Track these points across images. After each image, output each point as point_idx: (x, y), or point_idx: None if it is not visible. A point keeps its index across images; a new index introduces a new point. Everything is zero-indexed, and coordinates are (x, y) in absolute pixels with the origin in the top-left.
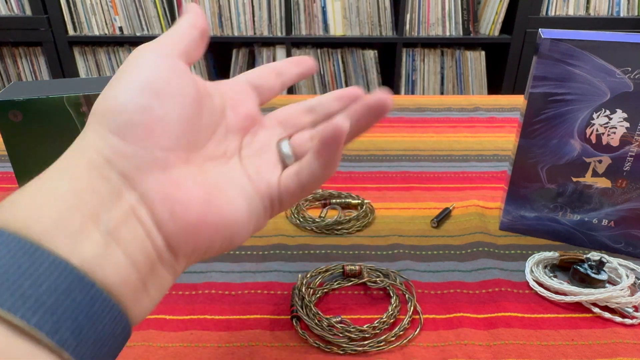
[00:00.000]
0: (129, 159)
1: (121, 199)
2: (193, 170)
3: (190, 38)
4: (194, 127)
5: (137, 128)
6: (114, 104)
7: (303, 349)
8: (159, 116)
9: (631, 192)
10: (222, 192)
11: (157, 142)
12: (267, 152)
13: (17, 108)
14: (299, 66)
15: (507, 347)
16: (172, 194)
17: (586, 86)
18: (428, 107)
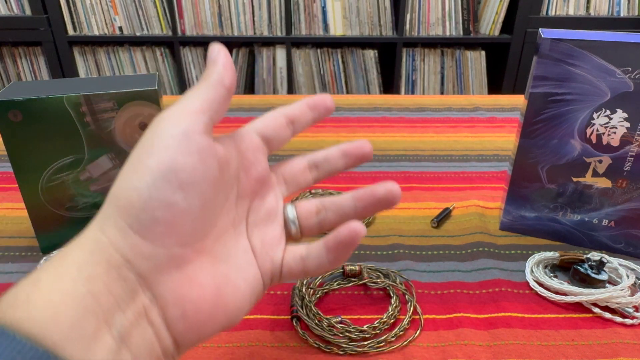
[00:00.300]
0: (148, 260)
1: (135, 300)
2: (206, 261)
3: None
4: (212, 211)
5: (159, 225)
6: (138, 198)
7: (303, 349)
8: (182, 210)
9: (631, 192)
10: (230, 282)
11: (176, 238)
12: (274, 220)
13: (16, 108)
14: (315, 110)
15: (507, 347)
16: (185, 294)
17: (586, 86)
18: (428, 107)
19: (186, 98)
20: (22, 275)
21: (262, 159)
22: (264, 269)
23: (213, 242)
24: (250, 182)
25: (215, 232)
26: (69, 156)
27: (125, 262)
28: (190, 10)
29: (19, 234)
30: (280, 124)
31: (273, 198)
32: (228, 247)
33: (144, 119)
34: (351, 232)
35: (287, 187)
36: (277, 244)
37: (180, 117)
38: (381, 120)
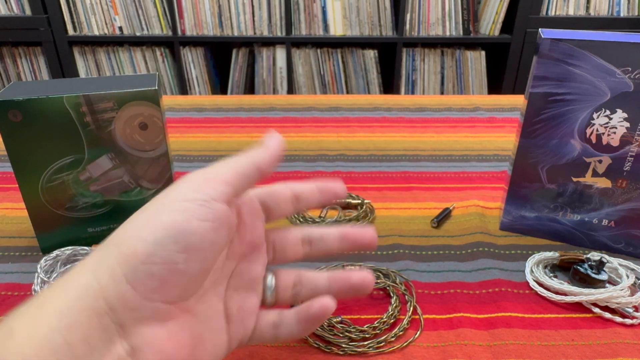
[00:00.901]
0: (133, 311)
1: (111, 350)
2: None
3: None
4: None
5: (153, 280)
6: (142, 250)
7: (303, 349)
8: (180, 272)
9: (631, 192)
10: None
11: (166, 295)
12: (255, 288)
13: (16, 108)
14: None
15: (507, 347)
16: (162, 349)
17: (586, 86)
18: (428, 107)
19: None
20: (22, 275)
21: (259, 225)
22: (235, 335)
23: (196, 301)
24: (242, 246)
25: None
26: (69, 156)
27: (110, 310)
28: (190, 10)
29: (19, 234)
30: (285, 197)
31: (261, 265)
32: (207, 307)
33: (144, 119)
34: (322, 308)
35: (274, 256)
36: (252, 311)
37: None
38: (381, 120)
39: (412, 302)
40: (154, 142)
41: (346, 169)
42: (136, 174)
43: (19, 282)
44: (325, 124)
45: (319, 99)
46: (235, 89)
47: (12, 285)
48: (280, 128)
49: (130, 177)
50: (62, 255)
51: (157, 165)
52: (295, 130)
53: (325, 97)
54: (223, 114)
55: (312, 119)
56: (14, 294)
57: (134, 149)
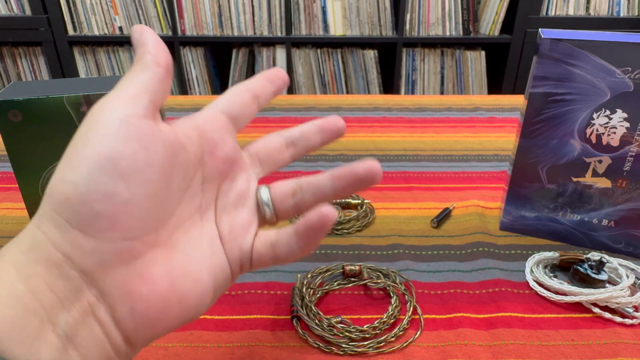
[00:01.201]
0: (91, 255)
1: (80, 298)
2: (160, 254)
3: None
4: (163, 200)
5: (100, 219)
6: (74, 192)
7: (303, 349)
8: (125, 201)
9: (631, 192)
10: (189, 275)
11: (122, 232)
12: (244, 204)
13: (16, 108)
14: (274, 83)
15: (507, 347)
16: (134, 290)
17: (586, 86)
18: (428, 107)
19: (121, 84)
20: None
21: (229, 138)
22: (232, 256)
23: (171, 233)
24: (217, 164)
25: (173, 222)
26: None
27: (66, 259)
28: (190, 10)
29: None
30: (245, 100)
31: (244, 180)
32: (190, 236)
33: None
34: (321, 217)
35: (262, 167)
36: (246, 230)
37: (116, 103)
38: (381, 120)
39: (412, 302)
40: None
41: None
42: None
43: None
44: None
45: (319, 99)
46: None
47: None
48: (280, 128)
49: None
50: None
51: None
52: None
53: (325, 97)
54: None
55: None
56: None
57: None
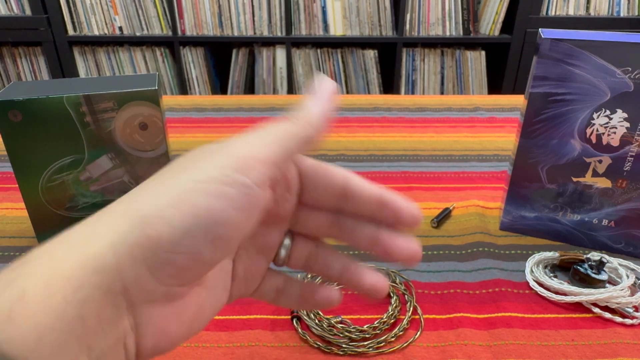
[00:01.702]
0: (146, 294)
1: (118, 325)
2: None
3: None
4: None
5: (172, 267)
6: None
7: (303, 349)
8: (202, 262)
9: (631, 192)
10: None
11: (182, 280)
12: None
13: (16, 108)
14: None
15: (507, 347)
16: (165, 328)
17: (586, 86)
18: (428, 107)
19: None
20: None
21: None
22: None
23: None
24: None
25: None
26: (69, 156)
27: (124, 290)
28: (190, 10)
29: (19, 234)
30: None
31: (278, 233)
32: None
33: (144, 119)
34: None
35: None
36: (259, 276)
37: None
38: (381, 120)
39: (412, 302)
40: (154, 142)
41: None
42: (136, 174)
43: None
44: None
45: None
46: (235, 89)
47: None
48: None
49: (130, 177)
50: None
51: (157, 165)
52: None
53: None
54: (223, 114)
55: None
56: None
57: (134, 149)
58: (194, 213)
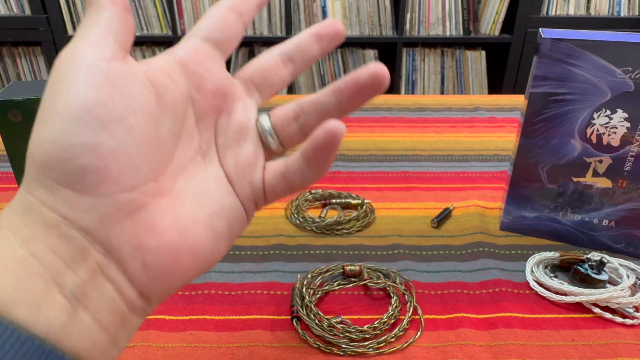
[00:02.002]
0: (89, 212)
1: (86, 258)
2: (165, 203)
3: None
4: (156, 144)
5: (88, 174)
6: (54, 149)
7: (303, 349)
8: (111, 151)
9: (632, 192)
10: (199, 222)
11: (116, 184)
12: (246, 137)
13: (16, 108)
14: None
15: (507, 347)
16: (142, 242)
17: (587, 86)
18: (428, 107)
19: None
20: None
21: (216, 68)
22: (244, 194)
23: (173, 180)
24: (208, 99)
25: (173, 168)
26: None
27: (63, 219)
28: (190, 10)
29: None
30: (227, 20)
31: (242, 111)
32: (195, 181)
33: None
34: (329, 133)
35: (260, 92)
36: (253, 164)
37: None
38: (381, 120)
39: (412, 303)
40: None
41: (346, 169)
42: None
43: None
44: None
45: None
46: None
47: None
48: None
49: None
50: None
51: None
52: None
53: None
54: None
55: None
56: None
57: None
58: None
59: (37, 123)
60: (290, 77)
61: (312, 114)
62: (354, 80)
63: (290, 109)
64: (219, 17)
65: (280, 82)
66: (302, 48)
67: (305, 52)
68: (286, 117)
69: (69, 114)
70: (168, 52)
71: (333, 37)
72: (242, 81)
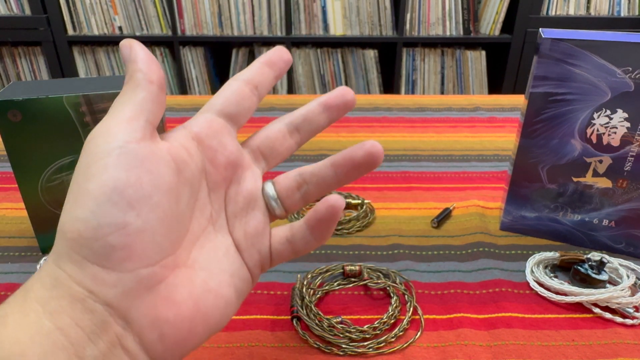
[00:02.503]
0: (114, 287)
1: (107, 330)
2: (181, 275)
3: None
4: (176, 218)
5: (116, 251)
6: (85, 228)
7: (303, 349)
8: (138, 229)
9: (632, 192)
10: (211, 292)
11: (140, 260)
12: (254, 206)
13: (16, 108)
14: (274, 67)
15: (507, 347)
16: (161, 315)
17: (587, 86)
18: (428, 107)
19: (116, 107)
20: (22, 275)
21: (229, 140)
22: (252, 262)
23: (188, 251)
24: (220, 171)
25: (188, 239)
26: (69, 156)
27: (89, 293)
28: (190, 10)
29: (19, 234)
30: (243, 95)
31: (250, 180)
32: (207, 250)
33: None
34: (330, 207)
35: (266, 161)
36: (261, 233)
37: (113, 130)
38: (381, 120)
39: (412, 303)
40: None
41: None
42: None
43: (18, 282)
44: None
45: None
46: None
47: (12, 285)
48: None
49: None
50: None
51: None
52: None
53: None
54: None
55: None
56: None
57: None
58: (91, 196)
59: (70, 200)
60: (296, 147)
61: (313, 185)
62: (350, 157)
63: (293, 179)
64: (235, 90)
65: (286, 152)
66: (310, 118)
67: (312, 122)
68: (290, 187)
69: (100, 195)
70: (185, 125)
71: (342, 107)
72: (250, 150)
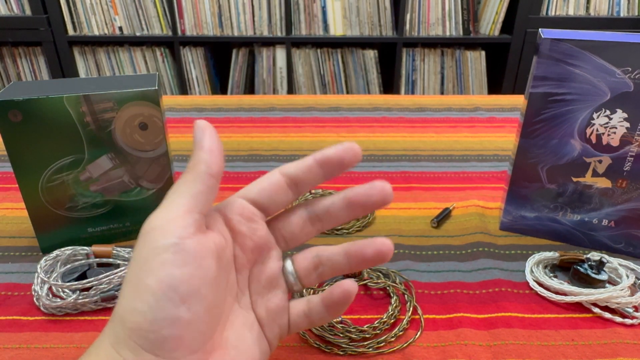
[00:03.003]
0: None
1: None
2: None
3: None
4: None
5: (168, 342)
6: (144, 320)
7: (303, 349)
8: (187, 322)
9: (631, 192)
10: None
11: (187, 348)
12: (276, 285)
13: (16, 108)
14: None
15: (507, 347)
16: None
17: (586, 86)
18: (428, 107)
19: (172, 197)
20: (22, 275)
21: (259, 227)
22: (272, 335)
23: (221, 331)
24: (248, 255)
25: (222, 321)
26: (69, 156)
27: None
28: (190, 10)
29: (19, 234)
30: (279, 189)
31: (274, 260)
32: (235, 329)
33: (144, 119)
34: (344, 292)
35: (287, 244)
36: (282, 309)
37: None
38: (381, 120)
39: (412, 302)
40: (154, 142)
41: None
42: (136, 174)
43: (19, 282)
44: (325, 124)
45: (319, 99)
46: (235, 89)
47: (12, 285)
48: (281, 128)
49: (130, 177)
50: (62, 255)
51: (157, 165)
52: (296, 130)
53: (325, 97)
54: (223, 114)
55: (312, 119)
56: (14, 294)
57: (134, 149)
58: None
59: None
60: (316, 233)
61: (328, 267)
62: (361, 251)
63: (311, 260)
64: (273, 182)
65: (306, 238)
66: (332, 213)
67: (333, 217)
68: (307, 267)
69: (158, 290)
70: (219, 208)
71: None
72: (274, 232)
